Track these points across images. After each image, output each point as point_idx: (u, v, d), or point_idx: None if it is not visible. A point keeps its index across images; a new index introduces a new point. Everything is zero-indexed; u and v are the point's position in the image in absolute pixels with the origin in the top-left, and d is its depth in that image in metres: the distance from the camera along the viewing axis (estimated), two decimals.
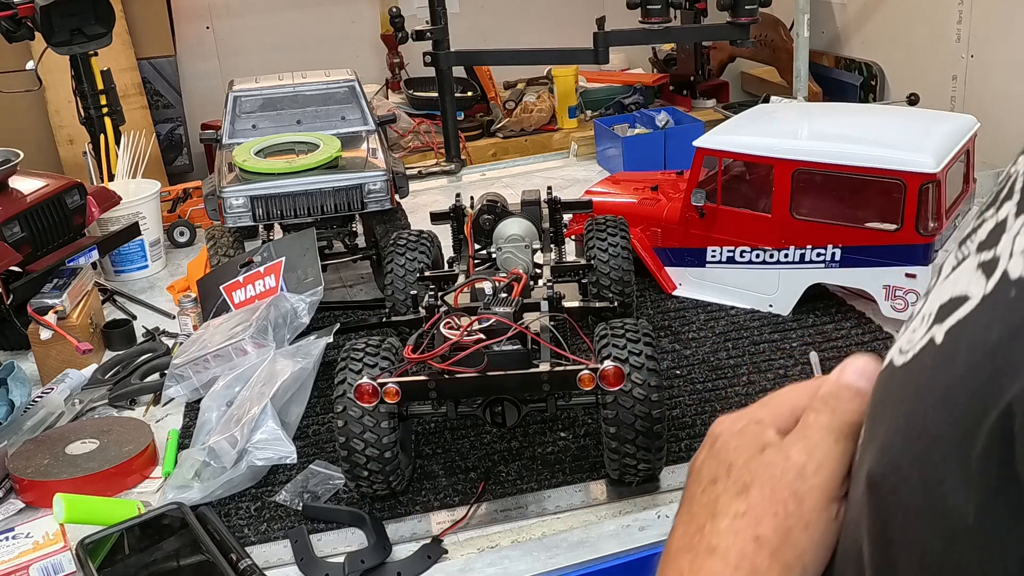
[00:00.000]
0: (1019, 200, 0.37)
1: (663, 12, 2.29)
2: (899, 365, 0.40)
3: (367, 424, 1.16)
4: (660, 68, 3.29)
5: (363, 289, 1.91)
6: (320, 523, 1.22)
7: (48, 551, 1.13)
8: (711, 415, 1.38)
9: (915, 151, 1.49)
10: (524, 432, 1.36)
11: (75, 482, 1.29)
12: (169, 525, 1.19)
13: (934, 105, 2.50)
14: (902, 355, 0.40)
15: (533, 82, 3.31)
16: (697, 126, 2.39)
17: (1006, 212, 0.37)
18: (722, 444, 0.52)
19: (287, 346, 1.49)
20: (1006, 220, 0.37)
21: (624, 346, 1.16)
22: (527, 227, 1.49)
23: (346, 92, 1.91)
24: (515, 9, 3.62)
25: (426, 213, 1.68)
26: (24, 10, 2.06)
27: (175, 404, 1.51)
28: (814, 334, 1.58)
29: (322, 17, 3.46)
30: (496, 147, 3.04)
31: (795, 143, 1.59)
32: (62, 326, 1.61)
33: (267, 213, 1.68)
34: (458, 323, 1.18)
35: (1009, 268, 0.34)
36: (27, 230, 1.69)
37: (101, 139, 2.25)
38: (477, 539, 1.19)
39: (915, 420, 0.36)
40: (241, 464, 1.27)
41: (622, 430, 1.16)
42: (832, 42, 3.05)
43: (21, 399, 1.50)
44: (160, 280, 2.04)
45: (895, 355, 0.41)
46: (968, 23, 2.47)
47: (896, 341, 0.43)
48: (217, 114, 1.96)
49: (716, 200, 1.66)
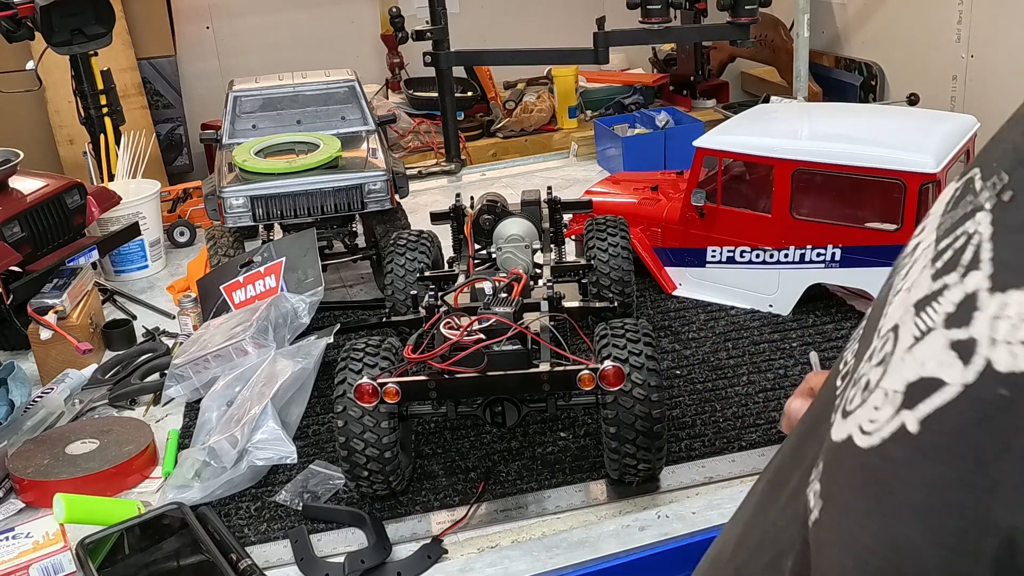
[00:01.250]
0: (992, 273, 0.34)
1: (663, 12, 2.29)
2: (863, 447, 0.36)
3: (367, 424, 1.16)
4: (660, 68, 3.29)
5: (363, 289, 1.91)
6: (320, 523, 1.22)
7: (48, 551, 1.13)
8: (711, 415, 1.38)
9: (915, 151, 1.49)
10: (524, 432, 1.36)
11: (75, 482, 1.29)
12: (169, 525, 1.19)
13: (934, 105, 2.50)
14: (865, 435, 0.36)
15: (533, 82, 3.31)
16: (697, 126, 2.39)
17: (975, 284, 0.34)
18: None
19: (287, 346, 1.49)
20: (976, 295, 0.34)
21: (624, 346, 1.16)
22: (527, 227, 1.49)
23: (346, 92, 1.91)
24: (515, 9, 3.62)
25: (426, 213, 1.68)
26: (24, 10, 2.06)
27: (175, 404, 1.51)
28: (814, 334, 1.58)
29: (322, 17, 3.46)
30: (496, 147, 3.04)
31: (795, 143, 1.59)
32: (62, 326, 1.61)
33: (267, 213, 1.68)
34: (458, 323, 1.18)
35: (994, 359, 0.32)
36: (27, 230, 1.69)
37: (101, 139, 2.25)
38: (477, 539, 1.19)
39: (890, 528, 0.33)
40: (241, 464, 1.27)
41: (622, 430, 1.16)
42: (832, 42, 3.05)
43: (21, 399, 1.50)
44: (160, 280, 2.04)
45: (853, 431, 0.37)
46: (968, 23, 2.47)
47: (846, 406, 0.39)
48: (217, 114, 1.96)
49: (716, 200, 1.66)
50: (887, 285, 0.45)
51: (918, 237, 0.44)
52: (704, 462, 1.29)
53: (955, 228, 0.38)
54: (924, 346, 0.35)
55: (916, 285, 0.38)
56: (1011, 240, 0.34)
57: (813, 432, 0.45)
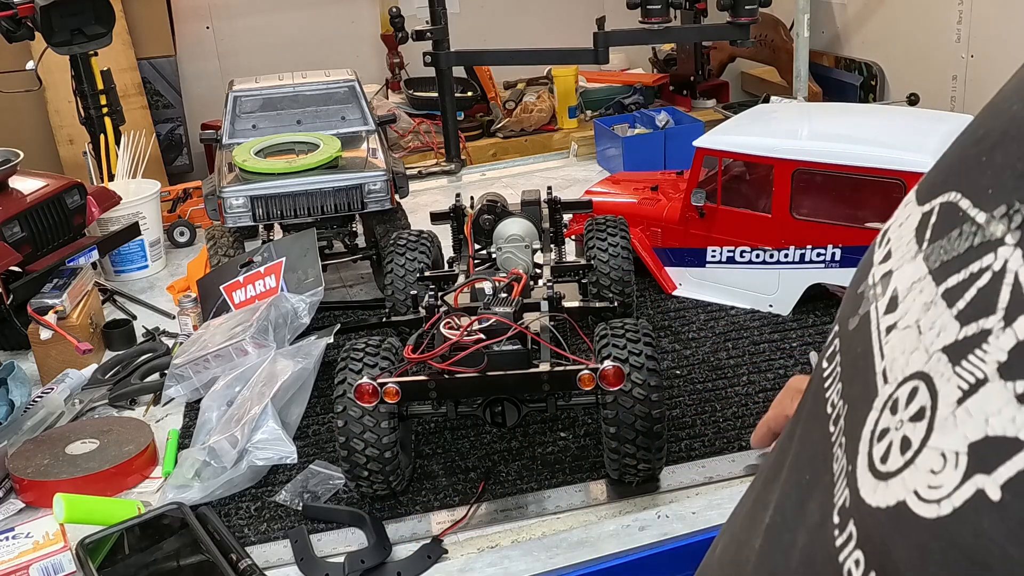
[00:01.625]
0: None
1: (663, 12, 2.29)
2: (931, 517, 0.33)
3: (367, 424, 1.16)
4: (660, 68, 3.29)
5: (363, 289, 1.91)
6: (320, 523, 1.22)
7: (48, 551, 1.13)
8: (711, 415, 1.38)
9: (915, 151, 1.49)
10: (524, 432, 1.36)
11: (75, 482, 1.29)
12: (169, 525, 1.20)
13: (934, 105, 2.50)
14: (929, 504, 0.33)
15: (533, 82, 3.31)
16: (697, 126, 2.39)
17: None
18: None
19: (287, 346, 1.49)
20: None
21: (624, 346, 1.16)
22: (527, 227, 1.49)
23: (346, 92, 1.91)
24: (515, 9, 3.62)
25: (426, 213, 1.68)
26: (24, 10, 2.06)
27: (175, 404, 1.51)
28: (814, 334, 1.58)
29: (322, 17, 3.46)
30: (496, 147, 3.04)
31: (795, 143, 1.59)
32: (62, 326, 1.61)
33: (267, 213, 1.68)
34: (458, 323, 1.18)
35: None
36: (27, 230, 1.69)
37: (101, 139, 2.25)
38: (477, 539, 1.19)
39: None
40: (241, 464, 1.27)
41: (622, 430, 1.16)
42: (832, 42, 3.05)
43: (21, 399, 1.50)
44: (160, 280, 2.04)
45: (908, 497, 0.34)
46: (968, 23, 2.47)
47: (875, 465, 0.36)
48: (217, 114, 1.96)
49: (716, 200, 1.66)
50: (853, 314, 0.42)
51: (885, 265, 0.41)
52: (704, 462, 1.29)
53: (964, 263, 0.36)
54: (981, 401, 0.32)
55: (932, 326, 0.36)
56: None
57: (812, 484, 0.42)
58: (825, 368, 0.46)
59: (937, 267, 0.37)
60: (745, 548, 0.48)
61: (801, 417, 0.48)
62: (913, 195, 0.44)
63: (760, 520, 0.47)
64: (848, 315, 0.44)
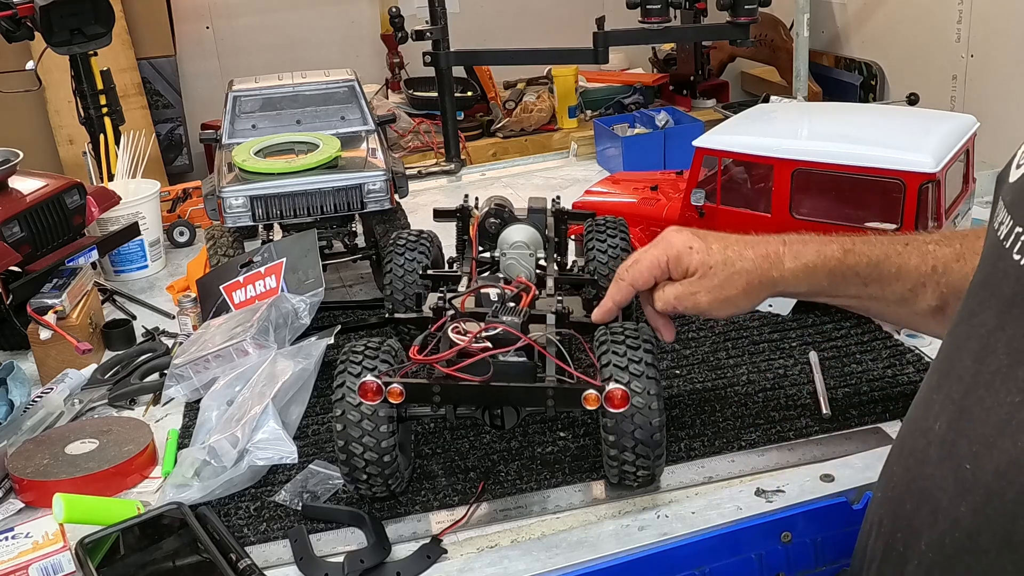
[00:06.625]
0: None
1: (663, 12, 2.29)
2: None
3: (366, 428, 1.16)
4: (660, 68, 3.30)
5: (363, 289, 1.91)
6: (320, 523, 1.22)
7: (48, 551, 1.13)
8: (711, 415, 1.38)
9: (915, 151, 1.49)
10: (524, 432, 1.36)
11: (75, 482, 1.29)
12: (168, 525, 1.20)
13: (934, 105, 2.50)
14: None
15: (533, 82, 3.31)
16: (697, 126, 2.39)
17: None
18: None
19: (288, 347, 1.49)
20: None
21: (624, 352, 1.16)
22: (532, 235, 1.48)
23: (346, 92, 1.90)
24: (515, 9, 3.62)
25: (426, 213, 1.67)
26: (24, 10, 2.06)
27: (175, 404, 1.51)
28: (814, 334, 1.58)
29: (322, 17, 3.46)
30: (496, 147, 3.05)
31: (795, 143, 1.59)
32: (62, 326, 1.61)
33: (267, 213, 1.68)
34: (465, 329, 1.17)
35: None
36: (27, 230, 1.69)
37: (101, 139, 2.25)
38: (477, 539, 1.19)
39: None
40: (241, 464, 1.27)
41: (621, 439, 1.15)
42: (832, 42, 3.05)
43: (21, 399, 1.50)
44: (160, 280, 2.04)
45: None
46: (968, 23, 2.47)
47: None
48: (217, 114, 1.96)
49: (716, 200, 1.66)
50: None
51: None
52: (704, 462, 1.29)
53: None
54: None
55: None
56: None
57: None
58: (998, 229, 0.47)
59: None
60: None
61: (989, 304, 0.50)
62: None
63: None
64: (1004, 178, 0.45)
